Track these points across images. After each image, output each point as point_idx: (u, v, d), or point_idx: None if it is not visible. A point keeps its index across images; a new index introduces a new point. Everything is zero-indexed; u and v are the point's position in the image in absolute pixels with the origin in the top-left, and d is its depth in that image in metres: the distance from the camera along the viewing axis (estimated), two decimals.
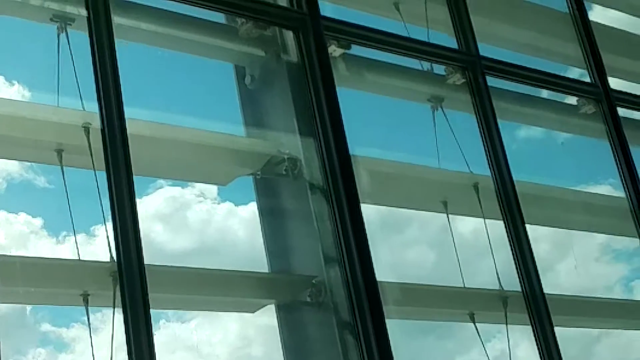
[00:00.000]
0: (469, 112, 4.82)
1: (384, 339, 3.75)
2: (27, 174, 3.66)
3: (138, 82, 3.84)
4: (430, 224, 4.84)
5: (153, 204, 3.91)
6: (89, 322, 3.31)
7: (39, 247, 3.55)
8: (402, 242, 4.67)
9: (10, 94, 3.62)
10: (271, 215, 4.11)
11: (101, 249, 3.34)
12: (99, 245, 3.38)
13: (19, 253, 3.42)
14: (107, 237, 3.30)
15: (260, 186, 4.13)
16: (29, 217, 3.54)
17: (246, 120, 4.27)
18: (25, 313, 3.50)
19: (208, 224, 4.15)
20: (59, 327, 3.50)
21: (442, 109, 4.79)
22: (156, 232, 3.83)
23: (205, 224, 4.13)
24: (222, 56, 4.40)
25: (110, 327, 3.25)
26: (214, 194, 4.18)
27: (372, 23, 4.64)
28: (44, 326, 3.51)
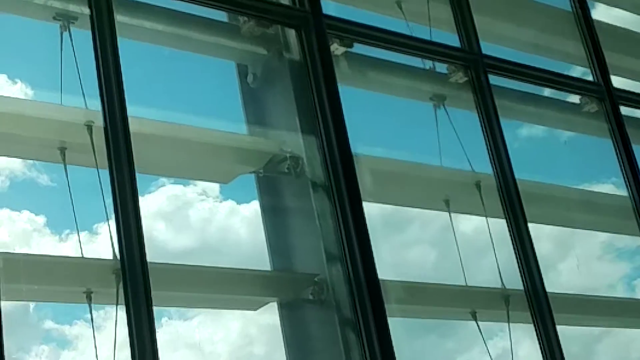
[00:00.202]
0: (471, 111, 4.82)
1: (386, 337, 3.75)
2: (30, 172, 3.67)
3: (141, 80, 3.84)
4: (432, 222, 4.85)
5: (155, 202, 3.92)
6: (92, 319, 3.32)
7: (42, 245, 3.56)
8: (404, 240, 4.67)
9: (14, 92, 3.63)
10: (273, 214, 4.11)
11: (104, 247, 3.35)
12: (102, 243, 3.39)
13: (22, 251, 3.43)
14: (110, 235, 3.31)
15: (262, 184, 4.14)
16: (32, 214, 3.55)
17: (248, 119, 4.28)
18: (28, 310, 3.51)
19: (210, 222, 4.16)
20: (62, 324, 3.52)
21: (444, 108, 4.79)
22: (158, 230, 3.84)
23: (207, 222, 4.14)
24: (224, 54, 4.41)
25: (113, 324, 3.25)
26: (216, 192, 4.19)
27: (374, 21, 4.64)
28: (47, 323, 3.53)
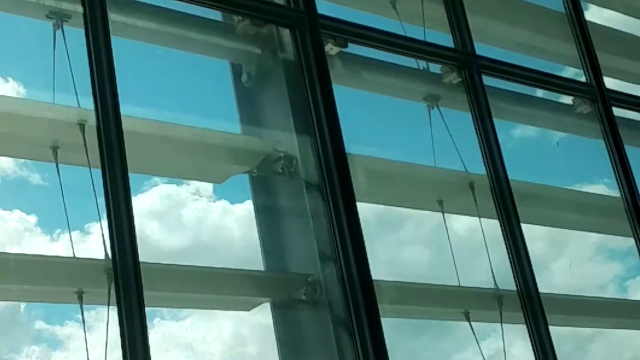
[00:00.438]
0: (465, 111, 4.82)
1: (379, 337, 3.74)
2: (22, 171, 3.65)
3: (134, 79, 3.83)
4: (425, 222, 4.85)
5: (148, 202, 3.90)
6: (83, 319, 3.30)
7: (34, 245, 3.55)
8: (397, 240, 4.67)
9: (6, 90, 3.62)
10: (267, 213, 4.10)
11: (96, 247, 3.33)
12: (94, 243, 3.37)
13: (13, 250, 3.41)
14: (102, 235, 3.29)
15: (256, 184, 4.13)
16: (23, 214, 3.54)
17: (242, 118, 4.27)
18: (19, 310, 3.49)
19: (203, 222, 4.15)
20: (53, 324, 3.50)
21: (438, 108, 4.79)
22: (151, 229, 3.83)
23: (200, 221, 4.13)
24: (218, 54, 4.39)
25: (104, 324, 3.24)
26: (210, 191, 4.18)
27: (368, 21, 4.63)
28: (38, 324, 3.51)
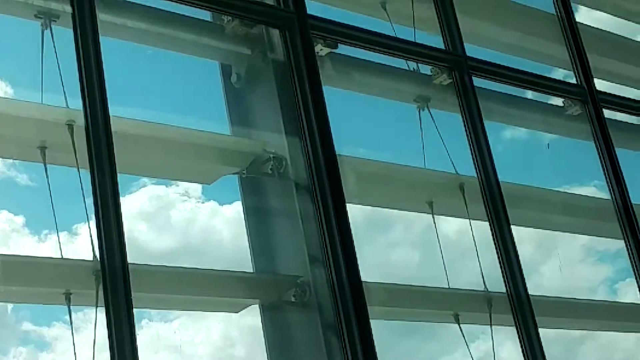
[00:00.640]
0: (455, 113, 4.81)
1: (369, 339, 3.74)
2: (9, 172, 3.63)
3: (123, 79, 3.81)
4: (415, 224, 4.84)
5: (137, 203, 3.89)
6: (71, 321, 3.29)
7: (21, 246, 3.53)
8: (387, 242, 4.66)
9: None
10: (256, 215, 4.09)
11: (84, 248, 3.31)
12: (82, 244, 3.35)
13: (0, 251, 3.39)
14: (90, 236, 3.28)
15: (245, 185, 4.11)
16: (10, 215, 3.51)
17: (232, 119, 4.25)
18: (6, 312, 3.47)
19: (192, 223, 4.13)
20: (41, 326, 3.48)
21: (428, 109, 4.79)
22: (140, 230, 3.81)
23: (189, 223, 4.11)
24: (208, 54, 4.38)
25: (92, 326, 3.22)
26: (199, 192, 4.16)
27: (358, 22, 4.63)
28: (25, 325, 3.49)
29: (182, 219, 4.08)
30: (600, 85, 5.69)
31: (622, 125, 5.87)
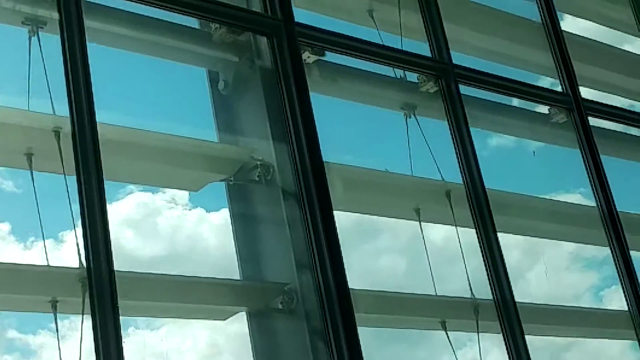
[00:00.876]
0: (442, 120, 4.83)
1: (356, 346, 3.74)
2: None
3: (110, 86, 3.80)
4: (402, 231, 4.84)
5: (123, 210, 3.87)
6: (57, 328, 3.27)
7: (7, 253, 3.50)
8: (374, 249, 4.66)
9: None
10: (243, 222, 4.09)
11: (70, 255, 3.30)
12: (68, 251, 3.33)
13: None
14: (77, 243, 3.26)
15: (232, 192, 4.11)
16: None
17: (219, 126, 4.25)
18: None
19: (179, 230, 4.12)
20: (26, 334, 3.46)
21: (415, 117, 4.80)
22: (126, 238, 3.80)
23: (176, 230, 4.10)
24: (195, 61, 4.38)
25: (78, 334, 3.20)
26: (186, 199, 4.15)
27: (346, 30, 4.64)
28: (11, 333, 3.47)
29: (169, 226, 4.07)
30: (586, 93, 5.72)
31: (607, 133, 5.90)
